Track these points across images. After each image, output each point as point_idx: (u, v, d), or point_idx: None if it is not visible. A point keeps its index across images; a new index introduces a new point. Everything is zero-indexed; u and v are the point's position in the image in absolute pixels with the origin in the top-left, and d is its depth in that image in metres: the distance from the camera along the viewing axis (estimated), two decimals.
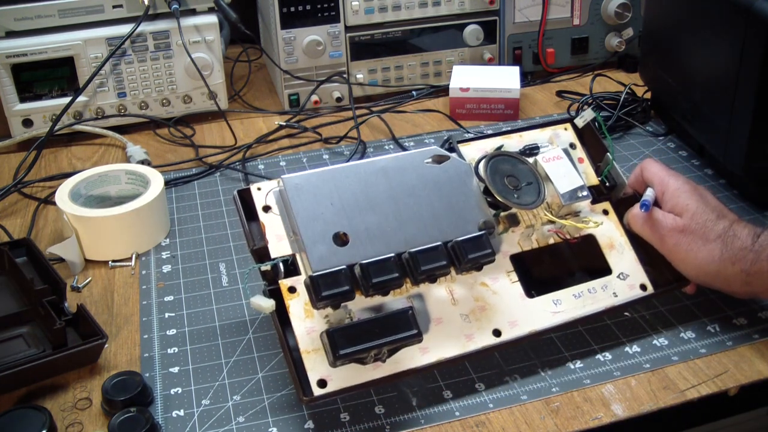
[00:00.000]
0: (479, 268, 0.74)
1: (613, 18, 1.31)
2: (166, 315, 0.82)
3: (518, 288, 0.75)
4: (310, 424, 0.68)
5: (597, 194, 0.81)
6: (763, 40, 0.84)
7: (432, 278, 0.72)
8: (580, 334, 0.77)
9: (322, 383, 0.66)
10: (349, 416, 0.68)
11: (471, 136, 0.84)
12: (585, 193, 0.78)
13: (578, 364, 0.73)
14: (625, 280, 0.77)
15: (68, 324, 0.76)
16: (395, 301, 0.71)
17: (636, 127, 1.14)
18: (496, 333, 0.71)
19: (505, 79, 1.21)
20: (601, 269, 0.78)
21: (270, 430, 0.68)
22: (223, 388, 0.72)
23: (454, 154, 0.79)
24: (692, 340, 0.76)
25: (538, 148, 0.82)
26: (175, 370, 0.74)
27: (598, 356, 0.74)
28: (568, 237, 0.79)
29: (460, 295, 0.73)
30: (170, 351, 0.77)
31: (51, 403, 0.71)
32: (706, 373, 0.72)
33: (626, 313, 0.79)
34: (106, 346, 0.76)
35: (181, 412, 0.70)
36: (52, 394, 0.72)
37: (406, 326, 0.67)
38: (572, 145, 0.84)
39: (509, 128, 0.85)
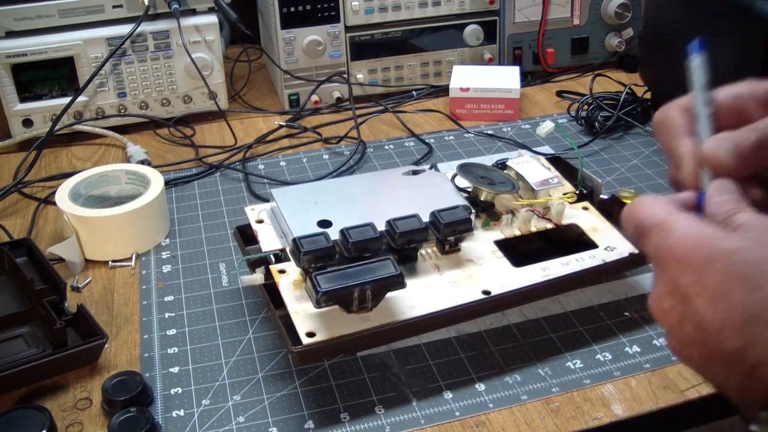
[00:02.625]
0: (460, 239, 0.76)
1: (613, 18, 1.31)
2: (166, 315, 0.82)
3: (505, 261, 0.76)
4: (310, 424, 0.68)
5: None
6: (763, 40, 0.84)
7: (413, 249, 0.74)
8: (580, 334, 0.77)
9: (310, 335, 0.66)
10: (349, 416, 0.68)
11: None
12: (556, 180, 0.83)
13: (578, 364, 0.73)
14: (613, 251, 0.77)
15: (68, 324, 0.76)
16: None
17: (636, 127, 1.14)
18: (486, 293, 0.72)
19: (505, 79, 1.21)
20: (589, 248, 0.79)
21: (270, 430, 0.68)
22: (223, 388, 0.72)
23: (432, 169, 0.87)
24: None
25: (507, 159, 0.87)
26: (175, 370, 0.74)
27: (598, 356, 0.74)
28: (549, 219, 0.80)
29: (446, 269, 0.75)
30: (170, 351, 0.77)
31: (51, 403, 0.71)
32: None
33: (626, 313, 0.79)
34: (106, 346, 0.76)
35: (181, 412, 0.70)
36: (52, 394, 0.72)
37: (388, 269, 0.68)
38: (549, 169, 0.87)
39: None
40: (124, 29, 1.13)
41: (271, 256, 0.75)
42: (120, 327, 0.80)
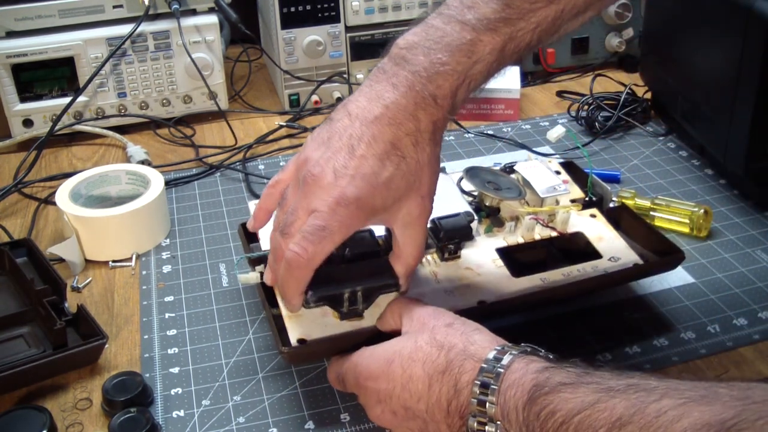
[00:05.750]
0: (459, 247, 0.75)
1: (613, 18, 1.31)
2: (167, 315, 0.82)
3: (504, 270, 0.75)
4: (310, 425, 0.68)
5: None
6: (763, 40, 0.84)
7: None
8: (580, 334, 0.77)
9: (301, 341, 0.66)
10: (349, 416, 0.68)
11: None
12: (563, 187, 0.81)
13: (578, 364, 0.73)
14: (617, 262, 0.76)
15: (68, 324, 0.76)
16: None
17: (636, 127, 1.14)
18: (481, 303, 0.71)
19: (505, 79, 1.21)
20: (592, 258, 0.78)
21: (270, 430, 0.68)
22: (224, 388, 0.72)
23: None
24: (692, 341, 0.76)
25: (515, 163, 0.86)
26: (176, 370, 0.74)
27: (598, 356, 0.74)
28: (553, 227, 0.80)
29: (444, 277, 0.74)
30: (170, 351, 0.77)
31: (51, 404, 0.71)
32: (706, 373, 0.72)
33: (626, 314, 0.79)
34: (106, 346, 0.76)
35: (182, 413, 0.70)
36: (53, 394, 0.72)
37: (383, 273, 0.67)
38: (557, 173, 0.86)
39: None
40: (125, 29, 1.13)
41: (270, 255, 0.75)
42: (120, 327, 0.80)
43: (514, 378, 0.53)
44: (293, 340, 0.66)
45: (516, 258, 0.77)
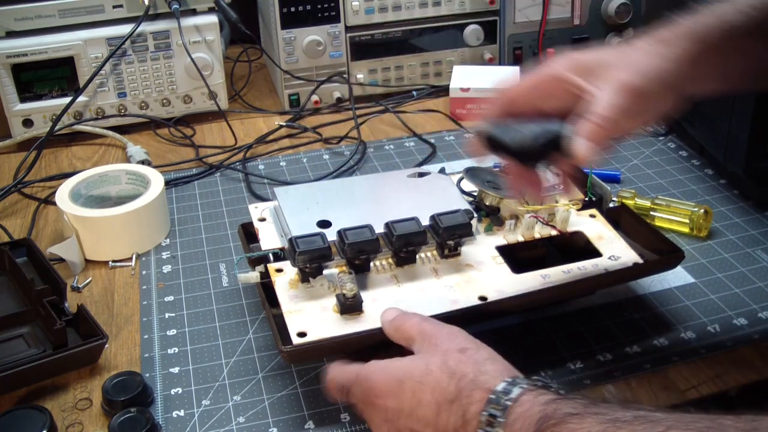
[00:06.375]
0: (460, 243, 0.75)
1: (613, 18, 1.31)
2: (167, 315, 0.82)
3: (505, 267, 0.75)
4: (310, 425, 0.68)
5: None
6: None
7: (411, 252, 0.74)
8: (580, 334, 0.77)
9: (301, 335, 0.67)
10: (349, 416, 0.68)
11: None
12: (561, 187, 0.80)
13: (578, 364, 0.73)
14: (617, 261, 0.76)
15: (68, 324, 0.76)
16: (378, 277, 0.73)
17: None
18: (482, 299, 0.71)
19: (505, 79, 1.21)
20: (592, 257, 0.78)
21: (270, 430, 0.68)
22: (224, 388, 0.72)
23: (440, 172, 0.85)
24: (692, 341, 0.76)
25: None
26: (176, 370, 0.74)
27: (598, 356, 0.74)
28: (553, 225, 0.79)
29: (444, 273, 0.74)
30: (170, 351, 0.77)
31: (51, 403, 0.71)
32: (706, 373, 0.72)
33: (626, 313, 0.79)
34: (106, 346, 0.76)
35: (182, 413, 0.70)
36: (53, 394, 0.72)
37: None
38: (557, 175, 0.86)
39: None
40: (125, 29, 1.13)
41: (270, 255, 0.75)
42: (120, 327, 0.80)
43: (521, 411, 0.53)
44: (293, 334, 0.66)
45: (516, 256, 0.77)
